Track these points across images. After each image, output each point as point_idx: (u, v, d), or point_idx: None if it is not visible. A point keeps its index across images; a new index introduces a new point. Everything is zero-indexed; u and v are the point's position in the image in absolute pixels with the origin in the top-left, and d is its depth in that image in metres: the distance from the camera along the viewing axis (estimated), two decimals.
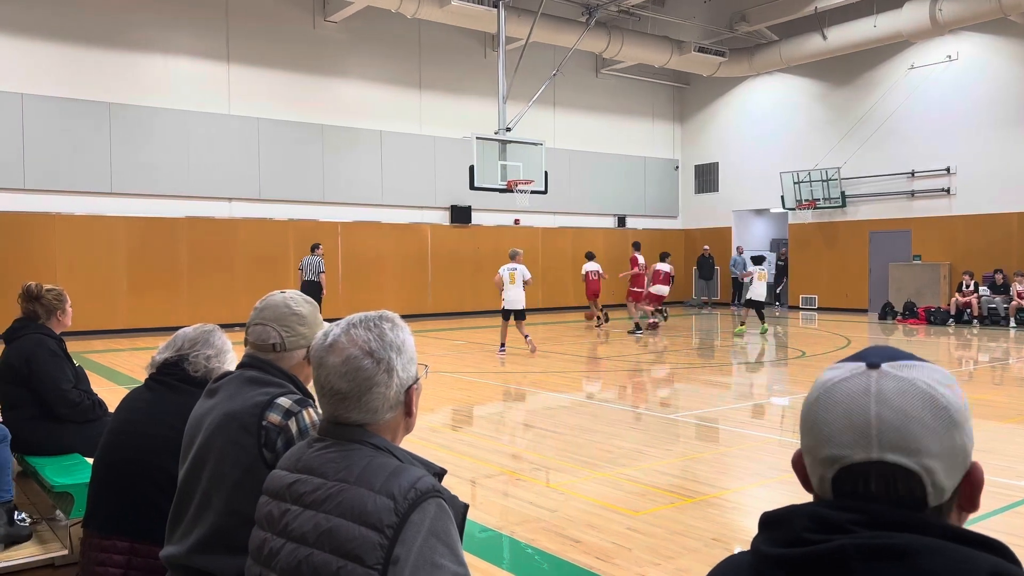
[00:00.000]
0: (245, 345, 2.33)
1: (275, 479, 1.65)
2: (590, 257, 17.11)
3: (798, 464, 1.01)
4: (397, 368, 1.62)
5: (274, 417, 2.05)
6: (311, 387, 1.91)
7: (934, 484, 0.90)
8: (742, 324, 15.57)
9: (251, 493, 1.94)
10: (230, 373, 2.26)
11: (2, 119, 14.72)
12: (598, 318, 17.18)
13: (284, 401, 2.08)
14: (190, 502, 2.06)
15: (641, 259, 16.54)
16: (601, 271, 16.98)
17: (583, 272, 16.94)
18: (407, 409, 1.67)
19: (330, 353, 1.61)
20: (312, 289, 14.95)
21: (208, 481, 2.03)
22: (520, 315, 12.36)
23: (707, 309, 22.73)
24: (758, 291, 15.06)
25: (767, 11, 19.81)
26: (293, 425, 2.05)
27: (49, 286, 4.46)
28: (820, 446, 0.94)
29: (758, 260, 15.59)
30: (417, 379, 1.68)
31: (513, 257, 12.81)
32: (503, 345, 12.60)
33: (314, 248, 15.74)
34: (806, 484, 1.00)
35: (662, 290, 16.36)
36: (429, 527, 1.43)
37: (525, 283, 12.41)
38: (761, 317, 15.22)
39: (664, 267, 16.43)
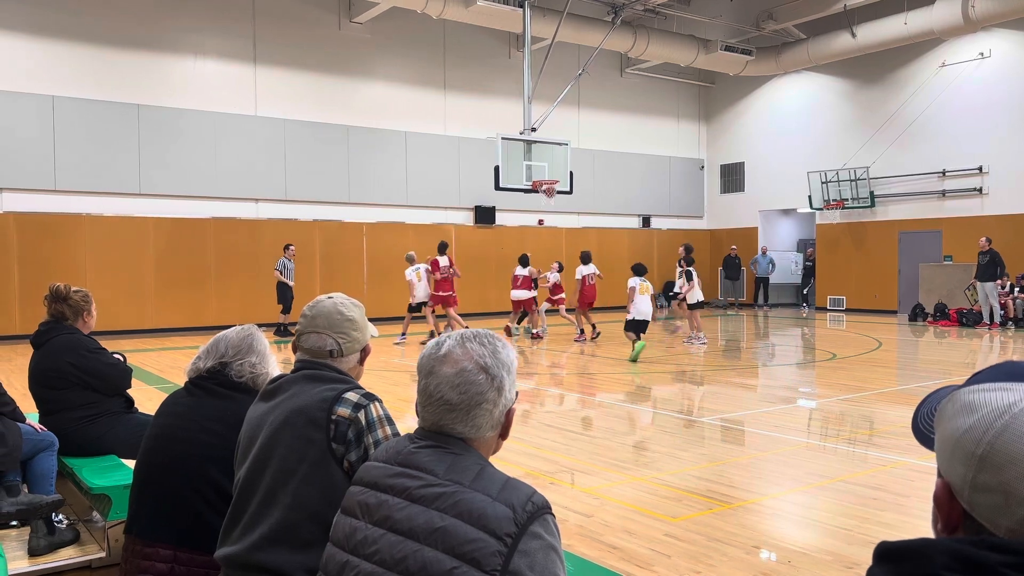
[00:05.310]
0: (294, 351, 2.31)
1: (372, 469, 1.63)
2: (586, 260, 15.07)
3: (945, 498, 0.90)
4: (506, 388, 1.62)
5: (343, 411, 2.06)
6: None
7: None
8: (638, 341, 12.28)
9: (318, 487, 1.96)
10: (285, 375, 2.25)
11: (34, 121, 14.91)
12: (593, 326, 14.86)
13: (352, 395, 2.10)
14: (251, 501, 2.06)
15: (443, 262, 14.63)
16: (599, 274, 15.16)
17: (578, 276, 14.99)
18: (503, 431, 1.66)
19: (443, 363, 1.60)
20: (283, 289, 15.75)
21: (273, 478, 2.03)
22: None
23: (734, 310, 22.55)
24: (643, 308, 12.48)
25: (795, 9, 19.59)
26: (362, 418, 2.06)
27: (76, 287, 4.46)
28: None
29: (640, 271, 12.84)
30: (515, 401, 1.68)
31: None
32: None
33: (286, 248, 16.04)
34: (951, 523, 0.89)
35: (517, 295, 15.09)
36: (550, 542, 1.46)
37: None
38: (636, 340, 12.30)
39: (522, 272, 15.08)
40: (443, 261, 14.54)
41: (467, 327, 11.39)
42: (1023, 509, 0.82)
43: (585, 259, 15.14)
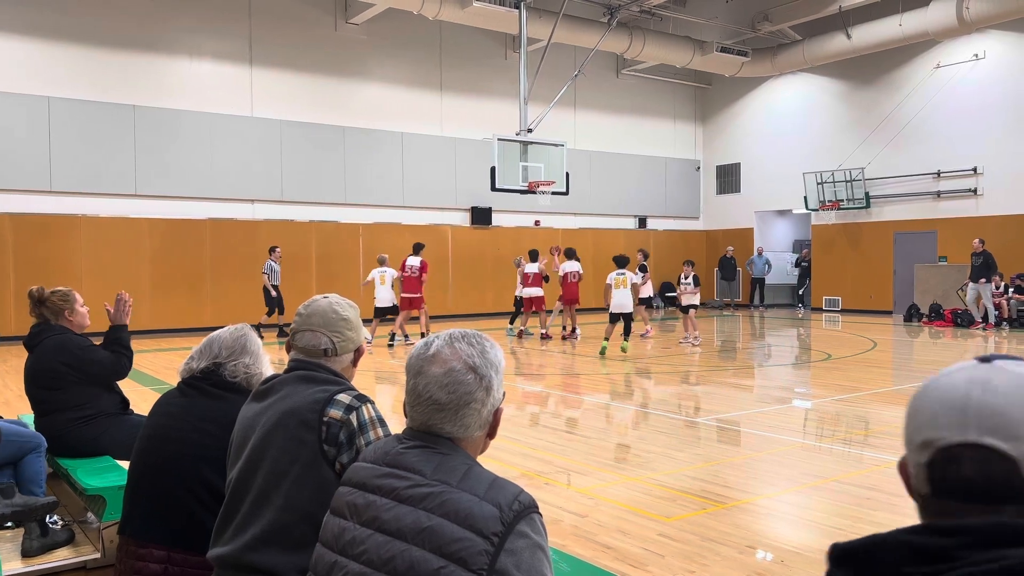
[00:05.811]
0: (288, 351, 2.32)
1: (360, 470, 1.64)
2: (570, 256, 15.07)
3: (903, 467, 0.99)
4: (494, 388, 1.63)
5: (335, 412, 2.07)
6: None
7: None
8: (606, 339, 12.55)
9: (310, 488, 1.97)
10: (278, 376, 2.26)
11: (29, 122, 14.88)
12: (573, 329, 15.02)
13: (344, 397, 2.11)
14: (243, 501, 2.06)
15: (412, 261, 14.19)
16: (580, 272, 15.08)
17: (560, 273, 14.92)
18: (491, 430, 1.67)
19: (432, 363, 1.61)
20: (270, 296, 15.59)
21: (265, 479, 2.04)
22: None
23: (729, 311, 22.58)
24: (620, 301, 12.35)
25: (790, 10, 19.64)
26: (354, 419, 2.07)
27: (55, 288, 4.45)
28: (916, 432, 0.93)
29: (621, 262, 12.73)
30: (502, 401, 1.69)
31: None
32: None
33: (272, 251, 15.88)
34: (910, 488, 0.97)
35: (529, 292, 14.89)
36: (536, 540, 1.47)
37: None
38: (626, 332, 12.53)
39: (532, 269, 14.86)
40: (411, 260, 14.17)
41: (421, 330, 11.32)
42: (916, 456, 0.94)
43: (570, 255, 15.22)
